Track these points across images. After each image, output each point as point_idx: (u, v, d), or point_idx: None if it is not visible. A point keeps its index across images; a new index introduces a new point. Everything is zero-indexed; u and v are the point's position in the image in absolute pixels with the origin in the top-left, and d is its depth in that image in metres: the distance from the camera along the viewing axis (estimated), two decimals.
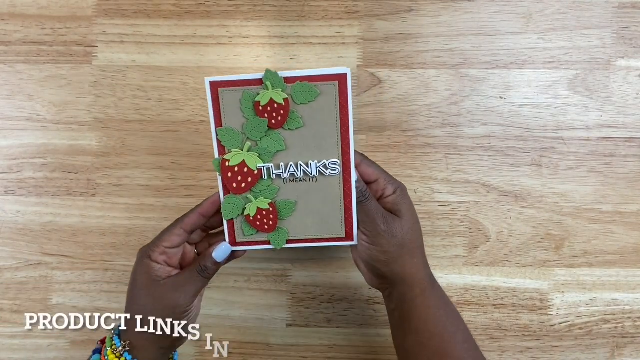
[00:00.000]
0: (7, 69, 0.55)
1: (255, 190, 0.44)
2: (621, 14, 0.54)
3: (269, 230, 0.45)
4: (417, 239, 0.44)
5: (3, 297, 0.56)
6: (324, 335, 0.56)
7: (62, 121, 0.55)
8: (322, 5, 0.54)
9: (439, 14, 0.54)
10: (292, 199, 0.44)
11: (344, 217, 0.44)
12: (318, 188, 0.44)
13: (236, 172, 0.43)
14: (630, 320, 0.55)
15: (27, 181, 0.55)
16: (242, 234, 0.45)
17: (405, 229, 0.43)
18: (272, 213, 0.44)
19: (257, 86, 0.42)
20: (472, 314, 0.56)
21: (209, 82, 0.42)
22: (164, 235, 0.43)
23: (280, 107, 0.42)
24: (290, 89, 0.42)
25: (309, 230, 0.45)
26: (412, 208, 0.45)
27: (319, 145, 0.43)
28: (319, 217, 0.45)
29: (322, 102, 0.42)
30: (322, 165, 0.43)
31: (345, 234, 0.45)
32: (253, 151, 0.43)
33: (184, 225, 0.43)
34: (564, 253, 0.55)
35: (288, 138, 0.43)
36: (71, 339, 0.56)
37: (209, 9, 0.54)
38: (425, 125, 0.54)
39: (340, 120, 0.42)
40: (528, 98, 0.54)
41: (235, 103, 0.42)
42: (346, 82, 0.41)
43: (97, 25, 0.55)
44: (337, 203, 0.44)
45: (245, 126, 0.43)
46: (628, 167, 0.55)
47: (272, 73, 0.41)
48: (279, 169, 0.43)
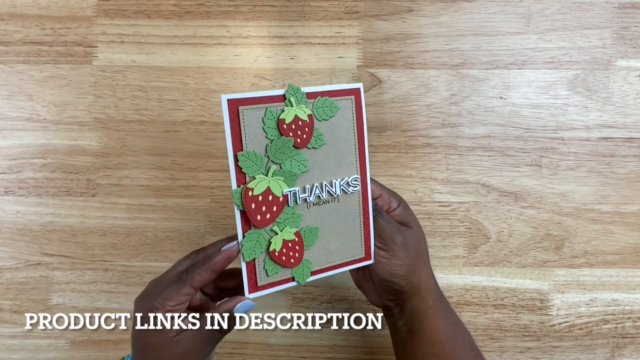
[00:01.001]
0: (7, 69, 0.55)
1: (279, 221, 0.39)
2: (621, 14, 0.54)
3: (295, 264, 0.40)
4: (426, 248, 0.45)
5: (3, 297, 0.56)
6: (324, 335, 0.56)
7: (62, 121, 0.55)
8: (322, 6, 0.54)
9: (439, 14, 0.54)
10: (316, 224, 0.41)
11: (363, 236, 0.43)
12: (339, 208, 0.42)
13: (261, 201, 0.38)
14: (630, 321, 0.55)
15: (27, 181, 0.55)
16: (266, 275, 0.40)
17: (418, 239, 0.43)
18: (298, 244, 0.40)
19: (280, 103, 0.38)
20: (472, 314, 0.56)
21: (226, 100, 0.36)
22: (169, 293, 0.38)
23: (305, 124, 0.39)
24: (312, 105, 0.39)
25: (332, 257, 0.42)
26: (416, 218, 0.45)
27: (339, 162, 0.41)
28: (340, 239, 0.42)
29: (341, 117, 0.41)
30: (345, 183, 0.41)
31: (364, 253, 0.43)
32: (278, 175, 0.39)
33: (195, 283, 0.38)
34: (564, 253, 0.55)
35: (311, 157, 0.40)
36: (71, 339, 0.56)
37: (209, 9, 0.54)
38: (425, 126, 0.54)
39: (357, 134, 0.41)
40: (528, 98, 0.54)
41: (257, 123, 0.38)
42: (360, 96, 0.41)
43: (97, 25, 0.55)
44: (357, 221, 0.42)
45: (269, 148, 0.38)
46: (628, 167, 0.55)
47: (295, 88, 0.38)
48: (304, 193, 0.40)
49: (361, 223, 0.42)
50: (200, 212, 0.55)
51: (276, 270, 0.40)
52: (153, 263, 0.56)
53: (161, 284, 0.39)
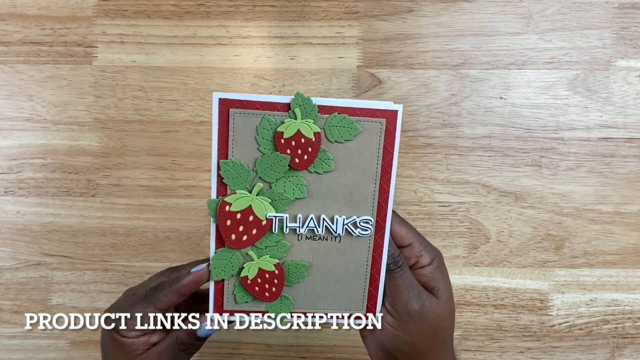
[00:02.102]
0: (7, 69, 0.55)
1: (259, 246, 0.35)
2: (621, 14, 0.54)
3: (271, 298, 0.36)
4: (451, 327, 0.36)
5: (3, 297, 0.56)
6: (324, 335, 0.56)
7: (62, 121, 0.55)
8: (322, 6, 0.54)
9: (439, 15, 0.54)
10: (306, 261, 0.35)
11: (367, 291, 0.36)
12: (341, 250, 0.35)
13: (238, 220, 0.34)
14: (630, 321, 0.55)
15: (27, 181, 0.55)
16: (234, 302, 0.36)
17: (443, 314, 0.35)
18: (277, 277, 0.35)
19: (283, 112, 0.33)
20: (472, 314, 0.56)
21: (217, 98, 0.33)
22: (134, 312, 0.36)
23: (309, 143, 0.33)
24: (324, 122, 0.33)
25: (320, 303, 0.36)
26: (449, 285, 0.37)
27: (349, 196, 0.34)
28: (336, 286, 0.36)
29: (362, 142, 0.34)
30: (351, 222, 0.35)
31: (365, 310, 0.37)
32: (264, 195, 0.34)
33: (159, 304, 0.35)
34: (564, 253, 0.55)
35: (312, 183, 0.34)
36: (71, 339, 0.56)
37: (209, 9, 0.54)
38: (425, 126, 0.54)
39: (382, 168, 0.34)
40: (528, 98, 0.54)
41: (249, 131, 0.33)
42: (396, 121, 0.33)
43: (97, 25, 0.55)
44: (361, 271, 0.36)
45: (259, 162, 0.34)
46: (628, 167, 0.55)
47: (303, 98, 0.33)
48: (295, 222, 0.35)
49: (366, 275, 0.36)
50: (200, 213, 0.55)
51: (246, 299, 0.36)
52: (153, 263, 0.56)
53: (131, 298, 0.37)
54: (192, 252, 0.56)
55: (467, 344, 0.56)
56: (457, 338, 0.56)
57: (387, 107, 0.33)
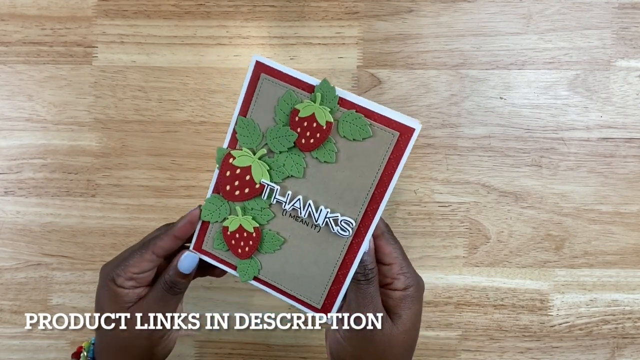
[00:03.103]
0: (7, 70, 0.55)
1: (247, 206, 0.37)
2: (621, 15, 0.54)
3: (242, 256, 0.38)
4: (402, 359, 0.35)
5: (3, 297, 0.56)
6: (324, 335, 0.56)
7: (62, 122, 0.55)
8: (322, 6, 0.54)
9: (439, 15, 0.54)
10: (283, 236, 0.37)
11: (329, 288, 0.37)
12: (317, 240, 0.36)
13: (236, 175, 0.36)
14: (630, 321, 0.55)
15: (27, 182, 0.55)
16: (212, 245, 0.38)
17: (393, 341, 0.34)
18: (253, 239, 0.37)
19: (306, 92, 0.34)
20: (472, 314, 0.56)
21: (255, 60, 0.34)
22: (133, 259, 0.37)
23: (319, 128, 0.34)
24: (340, 115, 0.34)
25: (284, 280, 0.38)
26: (416, 319, 0.35)
27: (341, 193, 0.35)
28: (302, 271, 0.37)
29: (370, 147, 0.34)
30: (333, 217, 0.35)
31: (321, 306, 0.37)
32: (265, 161, 0.36)
33: (157, 249, 0.37)
34: (564, 253, 0.55)
35: (311, 168, 0.35)
36: (71, 339, 0.56)
37: (209, 9, 0.54)
38: (425, 126, 0.54)
39: (380, 179, 0.34)
40: (528, 98, 0.54)
41: (272, 99, 0.35)
42: (410, 138, 0.33)
43: (97, 25, 0.55)
44: (329, 268, 0.36)
45: (270, 130, 0.35)
46: (628, 167, 0.55)
47: (329, 86, 0.34)
48: (283, 196, 0.36)
49: (332, 274, 0.36)
50: None
51: (222, 247, 0.38)
52: None
53: (127, 252, 0.38)
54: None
55: (467, 344, 0.56)
56: (457, 338, 0.56)
57: (405, 122, 0.33)
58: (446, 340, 0.56)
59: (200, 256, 0.39)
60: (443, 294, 0.56)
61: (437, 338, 0.56)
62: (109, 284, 0.37)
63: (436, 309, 0.56)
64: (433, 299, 0.55)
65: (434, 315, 0.56)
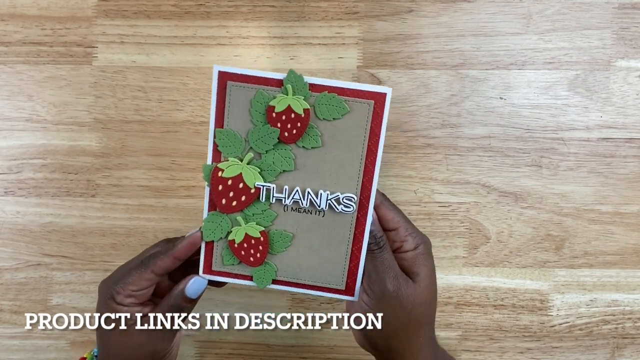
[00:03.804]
0: (7, 70, 0.55)
1: (247, 213, 0.37)
2: (621, 15, 0.54)
3: (255, 264, 0.37)
4: (429, 314, 0.37)
5: (3, 297, 0.56)
6: (324, 335, 0.56)
7: (62, 122, 0.55)
8: (322, 6, 0.54)
9: (439, 15, 0.54)
10: (290, 232, 0.37)
11: (348, 266, 0.37)
12: (324, 225, 0.37)
13: (229, 186, 0.36)
14: (630, 321, 0.55)
15: (27, 182, 0.55)
16: (221, 263, 0.38)
17: (418, 299, 0.35)
18: (262, 244, 0.37)
19: (276, 88, 0.35)
20: (472, 314, 0.56)
21: (217, 71, 0.35)
22: (132, 277, 0.36)
23: (299, 118, 0.35)
24: (314, 100, 0.35)
25: (302, 273, 0.38)
26: (432, 273, 0.37)
27: (335, 173, 0.36)
28: (317, 259, 0.37)
29: (350, 122, 0.35)
30: (334, 198, 0.36)
31: (345, 287, 0.38)
32: (254, 165, 0.36)
33: (156, 269, 0.36)
34: (564, 254, 0.55)
35: (300, 157, 0.36)
36: (71, 339, 0.56)
37: (209, 9, 0.54)
38: (425, 126, 0.54)
39: (367, 149, 0.35)
40: (528, 99, 0.54)
41: (244, 103, 0.35)
42: (384, 103, 0.35)
43: (97, 25, 0.55)
44: (342, 247, 0.37)
45: (251, 133, 0.36)
46: (628, 167, 0.55)
47: (296, 75, 0.34)
48: (281, 193, 0.36)
49: (347, 251, 0.37)
50: (200, 213, 0.55)
51: (233, 261, 0.38)
52: None
53: (125, 268, 0.38)
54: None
55: (467, 344, 0.56)
56: (457, 338, 0.56)
57: (376, 90, 0.34)
58: (446, 341, 0.56)
59: (212, 278, 0.38)
60: (443, 294, 0.56)
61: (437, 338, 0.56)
62: (109, 302, 0.36)
63: (436, 309, 0.55)
64: None
65: None
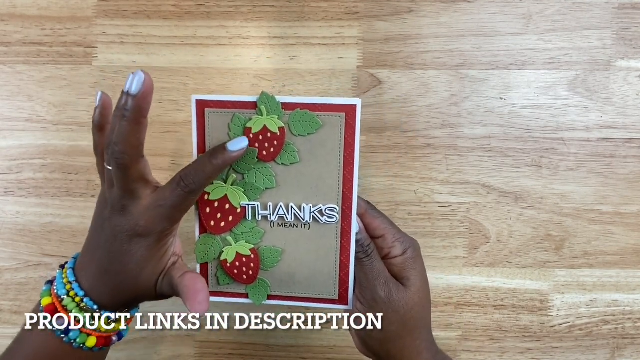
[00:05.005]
0: (7, 70, 0.55)
1: (236, 232, 0.38)
2: (621, 15, 0.54)
3: (248, 281, 0.39)
4: (423, 317, 0.38)
5: (3, 298, 0.56)
6: (323, 335, 0.56)
7: (62, 122, 0.55)
8: (322, 6, 0.54)
9: (439, 15, 0.54)
10: (279, 247, 0.38)
11: (339, 276, 0.38)
12: (310, 237, 0.38)
13: (216, 208, 0.38)
14: (630, 321, 0.55)
15: (27, 182, 0.55)
16: (217, 283, 0.39)
17: (410, 303, 0.36)
18: (253, 261, 0.38)
19: (251, 110, 0.36)
20: (472, 315, 0.56)
21: (195, 100, 0.37)
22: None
23: (275, 136, 0.36)
24: (288, 117, 0.36)
25: (295, 287, 0.39)
26: (423, 276, 0.38)
27: (315, 186, 0.37)
28: (308, 271, 0.38)
29: (324, 135, 0.36)
30: (317, 210, 0.37)
31: (338, 296, 0.39)
32: (238, 185, 0.37)
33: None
34: (564, 254, 0.55)
35: (280, 174, 0.37)
36: None
37: (209, 9, 0.54)
38: (425, 126, 0.54)
39: (344, 160, 0.37)
40: (528, 99, 0.54)
41: (222, 127, 0.37)
42: (355, 114, 0.36)
43: (97, 26, 0.55)
44: (331, 257, 0.38)
45: None
46: (628, 167, 0.55)
47: (268, 96, 0.36)
48: (266, 210, 0.38)
49: (337, 261, 0.38)
50: None
51: (228, 281, 0.39)
52: None
53: None
54: (192, 252, 0.56)
55: (467, 345, 0.56)
56: (457, 338, 0.56)
57: (346, 102, 0.36)
58: (446, 341, 0.56)
59: (210, 299, 0.38)
60: (443, 295, 0.56)
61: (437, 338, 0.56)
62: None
63: (436, 310, 0.56)
64: (433, 300, 0.55)
65: (434, 316, 0.55)
